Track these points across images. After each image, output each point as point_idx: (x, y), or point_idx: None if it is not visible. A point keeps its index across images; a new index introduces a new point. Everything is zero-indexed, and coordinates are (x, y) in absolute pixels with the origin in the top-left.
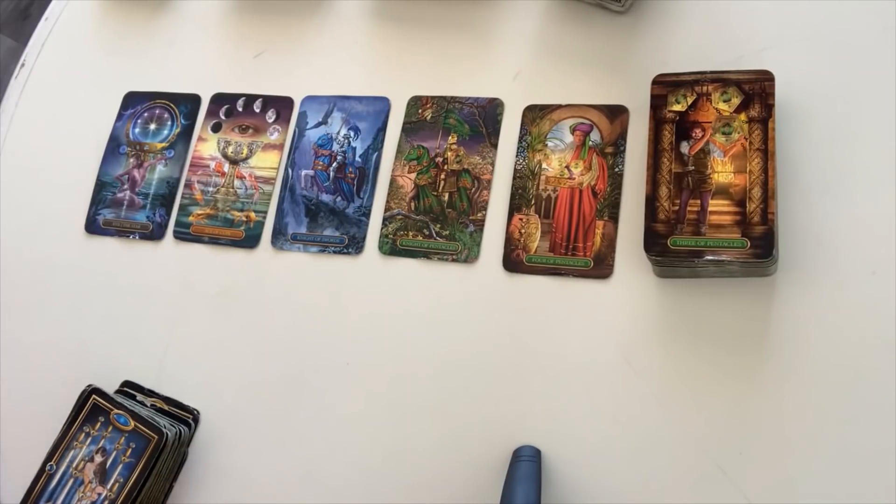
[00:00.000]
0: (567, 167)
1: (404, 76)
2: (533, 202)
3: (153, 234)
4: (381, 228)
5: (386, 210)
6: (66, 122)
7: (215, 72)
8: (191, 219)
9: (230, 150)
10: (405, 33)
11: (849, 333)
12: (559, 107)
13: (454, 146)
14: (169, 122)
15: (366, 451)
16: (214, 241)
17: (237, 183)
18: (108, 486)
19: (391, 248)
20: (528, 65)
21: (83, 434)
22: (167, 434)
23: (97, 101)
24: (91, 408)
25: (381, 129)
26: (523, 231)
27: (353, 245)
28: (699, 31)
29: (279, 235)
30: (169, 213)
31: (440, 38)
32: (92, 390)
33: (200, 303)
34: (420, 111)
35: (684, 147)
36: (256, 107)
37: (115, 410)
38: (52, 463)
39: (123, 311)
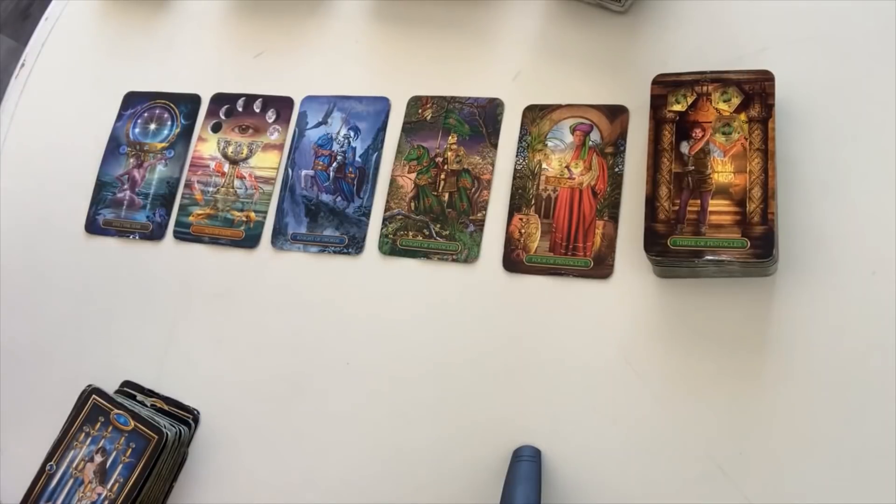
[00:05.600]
0: (567, 167)
1: (404, 76)
2: (533, 202)
3: (153, 234)
4: (381, 228)
5: (386, 210)
6: (66, 122)
7: (215, 72)
8: (191, 219)
9: (230, 150)
10: (405, 33)
11: (849, 333)
12: (559, 107)
13: (454, 146)
14: (169, 122)
15: (365, 451)
16: (214, 241)
17: (237, 183)
18: (108, 486)
19: (391, 248)
20: (528, 65)
21: (83, 434)
22: (167, 434)
23: (97, 101)
24: (91, 408)
25: (381, 129)
26: (523, 231)
27: (353, 245)
28: (699, 31)
29: (279, 235)
30: (169, 213)
31: (440, 38)
32: (92, 390)
33: (200, 303)
34: (420, 111)
35: (684, 147)
36: (256, 107)
37: (115, 410)
38: (52, 463)
39: (123, 311)
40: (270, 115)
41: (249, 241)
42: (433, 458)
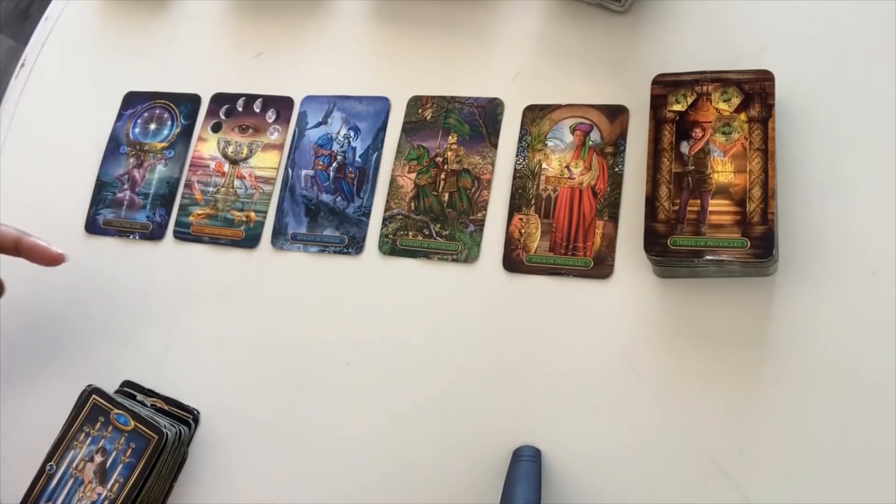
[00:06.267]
0: (567, 167)
1: (404, 76)
2: (533, 202)
3: (153, 234)
4: (381, 228)
5: (386, 210)
6: (66, 122)
7: (215, 72)
8: (191, 219)
9: (230, 150)
10: (405, 33)
11: (849, 333)
12: (559, 107)
13: (454, 146)
14: (169, 122)
15: (365, 451)
16: (214, 241)
17: (237, 183)
18: (108, 486)
19: (391, 248)
20: (528, 65)
21: (83, 434)
22: (167, 434)
23: (97, 101)
24: (91, 408)
25: (381, 129)
26: (523, 231)
27: (353, 245)
28: (699, 31)
29: (279, 235)
30: (169, 213)
31: (440, 38)
32: (92, 390)
33: (200, 303)
34: (420, 111)
35: (684, 147)
36: (256, 107)
37: (115, 410)
38: (52, 463)
39: (123, 311)
40: (270, 115)
41: (249, 241)
42: (433, 457)
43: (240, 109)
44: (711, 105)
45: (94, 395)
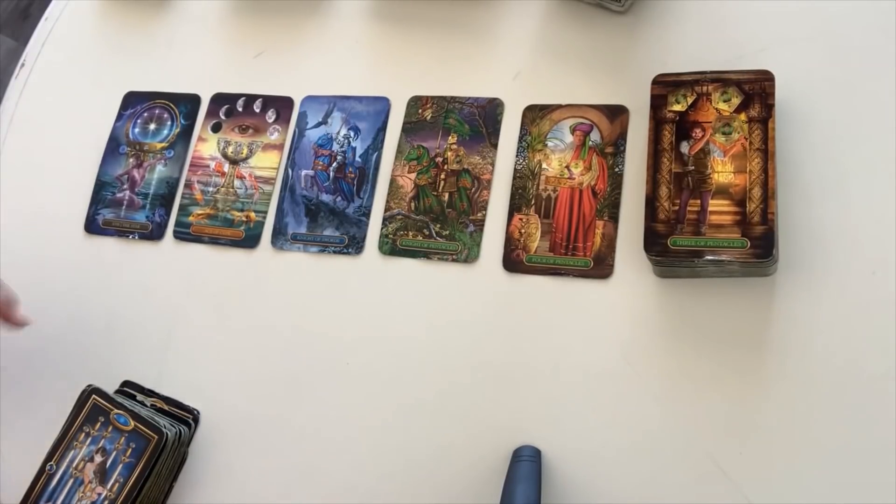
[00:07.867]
0: (567, 167)
1: (404, 76)
2: (533, 202)
3: (153, 234)
4: (381, 228)
5: (386, 210)
6: (66, 122)
7: (215, 72)
8: (191, 219)
9: (230, 150)
10: (405, 33)
11: (849, 333)
12: (559, 107)
13: (454, 146)
14: (169, 122)
15: (365, 451)
16: (214, 241)
17: (237, 183)
18: (108, 486)
19: (391, 248)
20: (528, 65)
21: (83, 434)
22: (167, 434)
23: (97, 101)
24: (91, 408)
25: (381, 129)
26: (523, 231)
27: (353, 245)
28: (699, 31)
29: (279, 235)
30: (169, 213)
31: (440, 38)
32: (92, 390)
33: (200, 303)
34: (420, 111)
35: (684, 147)
36: (256, 107)
37: (115, 410)
38: (52, 463)
39: (123, 311)
40: (270, 115)
41: (249, 241)
42: (433, 457)
43: (240, 109)
44: (711, 105)
45: (94, 395)
